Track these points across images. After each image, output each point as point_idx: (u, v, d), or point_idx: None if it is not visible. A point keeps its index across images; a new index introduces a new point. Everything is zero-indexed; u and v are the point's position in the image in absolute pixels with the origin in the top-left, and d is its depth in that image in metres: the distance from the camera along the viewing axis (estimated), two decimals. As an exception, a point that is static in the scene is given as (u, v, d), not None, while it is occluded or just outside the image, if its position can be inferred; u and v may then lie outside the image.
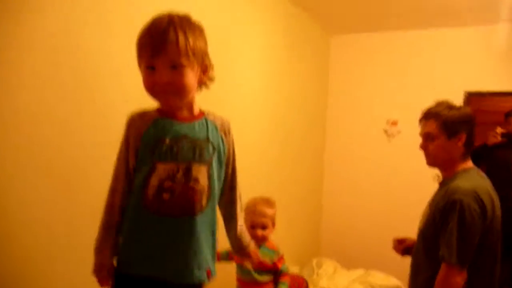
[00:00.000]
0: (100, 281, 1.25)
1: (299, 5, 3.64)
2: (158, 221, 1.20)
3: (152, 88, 1.19)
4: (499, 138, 3.79)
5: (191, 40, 1.19)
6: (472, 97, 4.01)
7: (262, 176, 3.24)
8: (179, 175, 1.20)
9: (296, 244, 3.89)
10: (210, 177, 1.25)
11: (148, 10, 1.30)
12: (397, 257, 2.11)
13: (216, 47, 2.55)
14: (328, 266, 3.82)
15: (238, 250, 1.47)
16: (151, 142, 1.21)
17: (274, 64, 3.34)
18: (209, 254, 1.28)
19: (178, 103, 1.23)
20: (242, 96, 2.92)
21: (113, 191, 1.24)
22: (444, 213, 1.67)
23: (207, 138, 1.26)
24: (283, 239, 2.93)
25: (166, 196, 1.19)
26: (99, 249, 1.24)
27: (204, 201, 1.23)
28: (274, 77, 3.36)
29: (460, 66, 4.01)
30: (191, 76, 1.21)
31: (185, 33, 1.18)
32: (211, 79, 1.33)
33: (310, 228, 4.27)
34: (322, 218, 4.53)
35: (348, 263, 3.93)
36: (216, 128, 1.31)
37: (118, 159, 1.26)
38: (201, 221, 1.23)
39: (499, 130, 3.79)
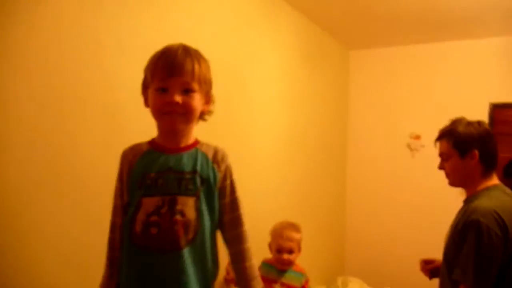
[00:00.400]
0: None
1: (317, 22, 3.64)
2: (146, 257, 1.20)
3: (161, 109, 1.21)
4: None
5: (203, 69, 1.25)
6: (497, 109, 3.92)
7: (284, 194, 3.21)
8: (164, 209, 1.19)
9: (320, 263, 3.82)
10: (197, 209, 1.22)
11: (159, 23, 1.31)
12: (425, 277, 2.04)
13: (235, 66, 2.59)
14: (354, 285, 3.73)
15: None
16: (138, 177, 1.23)
17: (293, 81, 3.34)
18: (199, 285, 1.24)
19: (182, 126, 1.25)
20: (262, 114, 2.92)
21: (112, 226, 1.27)
22: (462, 234, 1.61)
23: (194, 170, 1.24)
24: (307, 258, 2.88)
25: (153, 230, 1.19)
26: (103, 285, 1.28)
27: (190, 235, 1.20)
28: (294, 94, 3.35)
29: (484, 77, 3.93)
30: (198, 102, 1.25)
31: (199, 62, 1.24)
32: (211, 112, 1.36)
33: (334, 246, 4.20)
34: (346, 235, 4.44)
35: (375, 281, 3.83)
36: (206, 158, 1.28)
37: (115, 194, 1.29)
38: (188, 255, 1.20)
39: None
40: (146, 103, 1.28)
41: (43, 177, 1.55)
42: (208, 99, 1.31)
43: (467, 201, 1.75)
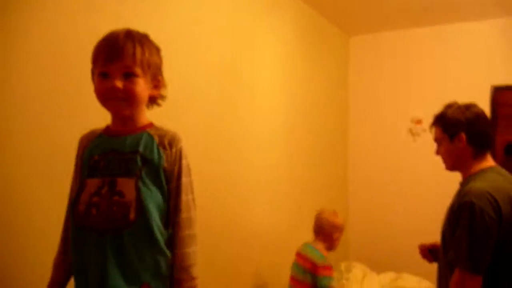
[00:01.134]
0: None
1: (317, 7, 3.61)
2: (86, 237, 1.19)
3: (103, 94, 1.21)
4: None
5: (147, 53, 1.23)
6: (498, 91, 3.89)
7: (286, 180, 3.22)
8: (104, 189, 1.19)
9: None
10: (138, 190, 1.18)
11: (164, 16, 1.30)
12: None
13: (234, 54, 2.57)
14: (358, 270, 3.74)
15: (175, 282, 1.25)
16: (85, 161, 1.26)
17: (293, 67, 3.32)
18: (147, 270, 1.20)
19: (127, 111, 1.24)
20: (261, 101, 2.91)
21: (67, 208, 1.29)
22: (456, 216, 1.61)
23: (136, 151, 1.23)
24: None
25: (93, 211, 1.19)
26: (55, 266, 1.31)
27: (132, 215, 1.17)
28: (294, 80, 3.34)
29: (486, 60, 3.90)
30: (143, 87, 1.23)
31: (142, 46, 1.22)
32: (163, 97, 1.34)
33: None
34: (349, 220, 4.45)
35: (378, 266, 3.84)
36: (152, 140, 1.25)
37: (72, 178, 1.32)
38: (130, 237, 1.17)
39: None
40: (94, 90, 1.27)
41: (44, 176, 1.56)
42: (157, 83, 1.29)
43: (462, 184, 1.76)
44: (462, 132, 1.74)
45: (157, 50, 1.29)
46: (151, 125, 1.30)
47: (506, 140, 4.12)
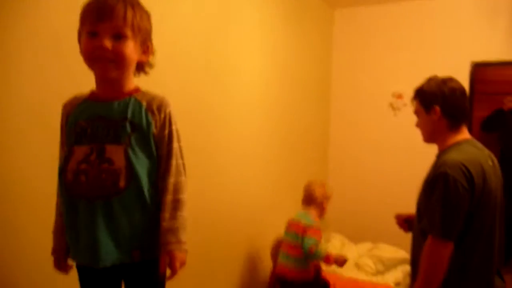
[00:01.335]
0: (56, 264, 1.31)
1: (301, -21, 3.57)
2: (76, 205, 1.19)
3: (91, 53, 1.17)
4: None
5: (138, 16, 1.20)
6: (478, 68, 3.96)
7: (265, 152, 3.25)
8: (93, 156, 1.18)
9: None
10: (128, 157, 1.18)
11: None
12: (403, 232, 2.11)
13: (215, 26, 2.54)
14: (336, 240, 3.86)
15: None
16: (71, 127, 1.24)
17: (275, 40, 3.30)
18: (138, 237, 1.22)
19: (114, 74, 1.20)
20: (243, 74, 2.90)
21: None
22: (431, 186, 1.68)
23: (125, 117, 1.20)
24: (290, 215, 2.95)
25: (83, 178, 1.18)
26: (55, 233, 1.32)
27: (122, 183, 1.17)
28: (277, 52, 3.32)
29: (466, 36, 3.94)
30: (132, 50, 1.20)
31: (133, 8, 1.19)
32: (151, 65, 1.32)
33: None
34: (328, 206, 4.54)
35: (356, 237, 3.96)
36: (140, 106, 1.23)
37: (59, 147, 1.29)
38: (120, 204, 1.17)
39: None
40: (81, 50, 1.23)
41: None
42: (145, 49, 1.27)
43: (438, 156, 1.82)
44: (436, 105, 1.80)
45: (148, 15, 1.26)
46: (137, 90, 1.28)
47: (483, 116, 4.22)
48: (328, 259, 2.61)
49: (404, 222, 2.07)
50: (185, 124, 1.41)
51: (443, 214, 1.62)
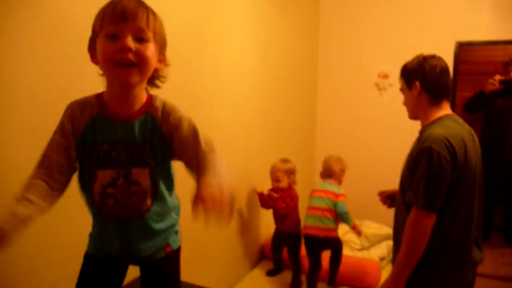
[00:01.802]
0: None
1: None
2: (108, 225, 1.24)
3: (113, 56, 1.09)
4: (497, 85, 3.85)
5: (158, 22, 1.17)
6: (463, 47, 4.01)
7: (254, 131, 3.28)
8: (120, 181, 1.18)
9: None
10: (152, 178, 1.21)
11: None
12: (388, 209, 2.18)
13: (202, 10, 2.52)
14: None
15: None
16: (88, 145, 1.18)
17: (263, 20, 3.29)
18: (167, 231, 1.32)
19: (137, 79, 1.14)
20: (231, 52, 2.90)
21: (46, 158, 1.16)
22: (415, 161, 1.74)
23: (146, 140, 1.19)
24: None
25: (110, 202, 1.20)
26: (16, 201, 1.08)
27: (148, 202, 1.22)
28: (264, 33, 3.32)
29: (451, 16, 3.98)
30: (153, 54, 1.15)
31: (154, 14, 1.16)
32: (164, 76, 1.27)
33: (303, 181, 4.36)
34: (315, 172, 4.60)
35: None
36: (159, 127, 1.21)
37: (51, 147, 1.17)
38: (151, 216, 1.24)
39: (497, 77, 3.84)
40: (93, 58, 1.17)
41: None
42: (162, 57, 1.22)
43: (421, 132, 1.87)
44: (416, 80, 1.86)
45: (163, 24, 1.21)
46: (150, 100, 1.23)
47: (466, 96, 4.30)
48: (355, 226, 3.03)
49: (387, 199, 2.14)
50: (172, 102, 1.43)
51: (427, 187, 1.68)
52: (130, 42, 1.09)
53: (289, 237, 3.08)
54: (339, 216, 2.99)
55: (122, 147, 1.18)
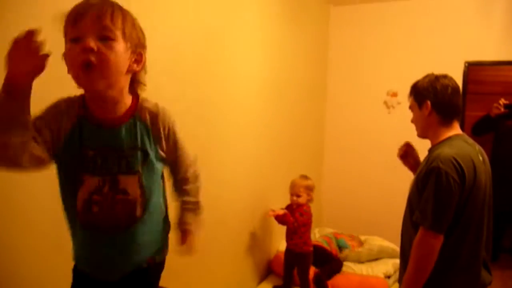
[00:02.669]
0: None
1: (299, -24, 3.60)
2: (91, 235, 1.17)
3: (76, 60, 1.01)
4: (502, 110, 3.86)
5: (128, 21, 1.08)
6: (472, 67, 4.01)
7: (263, 147, 3.29)
8: (105, 188, 1.12)
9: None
10: (142, 186, 1.16)
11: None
12: (395, 225, 2.16)
13: (214, 21, 2.57)
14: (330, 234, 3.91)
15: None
16: (74, 150, 1.11)
17: (272, 35, 3.33)
18: (154, 245, 1.26)
19: (101, 84, 1.05)
20: (241, 68, 2.93)
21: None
22: (424, 180, 1.73)
23: (135, 146, 1.14)
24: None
25: (95, 209, 1.13)
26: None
27: (138, 212, 1.17)
28: (273, 48, 3.35)
29: (460, 36, 4.00)
30: (121, 55, 1.05)
31: (122, 12, 1.07)
32: (142, 83, 1.20)
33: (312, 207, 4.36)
34: (322, 188, 4.59)
35: (349, 231, 4.02)
36: (147, 130, 1.17)
37: (38, 119, 1.08)
38: (138, 231, 1.18)
39: (502, 101, 3.85)
40: (67, 65, 1.07)
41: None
42: (139, 58, 1.13)
43: (430, 150, 1.86)
44: (428, 100, 1.85)
45: (135, 23, 1.13)
46: (136, 103, 1.17)
47: (475, 115, 4.29)
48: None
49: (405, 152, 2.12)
50: (184, 123, 1.43)
51: (435, 207, 1.66)
52: (91, 42, 1.00)
53: (298, 256, 3.05)
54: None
55: (109, 153, 1.12)
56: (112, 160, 1.12)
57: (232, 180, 2.88)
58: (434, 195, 1.67)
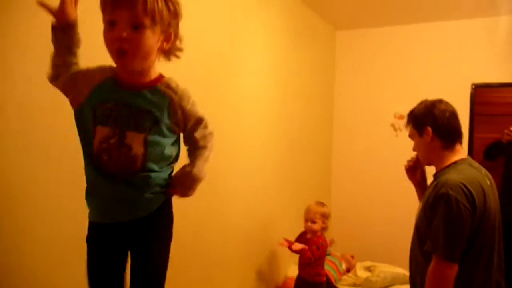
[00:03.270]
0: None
1: (305, 1, 3.65)
2: (101, 177, 1.26)
3: (110, 45, 1.17)
4: None
5: (159, 3, 1.16)
6: (479, 89, 4.01)
7: (269, 172, 3.28)
8: (113, 140, 1.22)
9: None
10: (145, 146, 1.24)
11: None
12: (404, 248, 2.11)
13: (223, 45, 2.60)
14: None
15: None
16: (95, 101, 1.24)
17: (280, 59, 3.36)
18: (158, 196, 1.32)
19: (133, 67, 1.21)
20: (248, 92, 2.95)
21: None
22: (433, 207, 1.69)
23: (149, 110, 1.24)
24: (294, 234, 2.97)
25: (105, 156, 1.23)
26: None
27: (138, 168, 1.24)
28: (280, 72, 3.38)
29: (467, 58, 4.01)
30: (151, 40, 1.18)
31: None
32: (179, 49, 1.32)
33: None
34: (331, 212, 4.54)
35: (359, 257, 3.96)
36: (164, 100, 1.26)
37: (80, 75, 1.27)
38: (139, 182, 1.25)
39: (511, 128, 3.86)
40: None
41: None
42: (168, 35, 1.24)
43: (436, 176, 1.84)
44: (428, 126, 1.84)
45: (174, 2, 1.22)
46: (161, 78, 1.29)
47: (482, 137, 4.26)
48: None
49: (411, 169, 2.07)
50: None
51: (447, 235, 1.62)
52: (124, 32, 1.13)
53: (310, 285, 2.94)
54: None
55: (125, 110, 1.23)
56: (125, 116, 1.23)
57: (238, 201, 2.87)
58: (445, 223, 1.63)
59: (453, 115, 1.86)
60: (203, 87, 2.45)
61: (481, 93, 4.07)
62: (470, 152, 3.92)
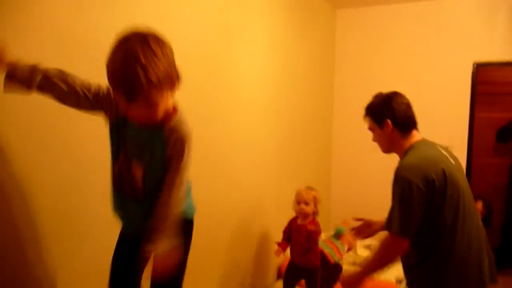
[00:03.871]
0: None
1: (304, -21, 3.60)
2: (117, 197, 1.50)
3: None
4: None
5: (160, 71, 1.21)
6: (481, 68, 3.97)
7: (269, 157, 3.27)
8: (125, 167, 1.44)
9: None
10: (144, 176, 1.43)
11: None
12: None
13: (222, 25, 2.56)
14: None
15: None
16: (121, 132, 1.43)
17: (278, 39, 3.32)
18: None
19: (150, 122, 1.36)
20: (248, 73, 2.92)
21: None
22: (392, 188, 1.83)
23: (149, 146, 1.41)
24: (292, 214, 2.97)
25: (117, 178, 1.46)
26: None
27: (140, 195, 1.45)
28: (279, 53, 3.34)
29: (469, 37, 3.96)
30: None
31: (153, 67, 1.20)
32: (180, 83, 1.38)
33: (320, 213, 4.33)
34: (331, 192, 4.57)
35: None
36: (165, 140, 1.39)
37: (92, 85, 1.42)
38: (142, 202, 1.45)
39: None
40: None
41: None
42: (173, 85, 1.32)
43: (398, 162, 1.94)
44: (387, 119, 1.94)
45: (165, 49, 1.26)
46: (170, 116, 1.39)
47: (484, 117, 4.24)
48: None
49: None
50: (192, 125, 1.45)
51: (401, 214, 1.75)
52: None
53: (304, 271, 2.91)
54: None
55: (134, 143, 1.42)
56: (133, 148, 1.43)
57: (239, 185, 2.87)
58: (399, 203, 1.76)
59: (408, 106, 1.99)
60: (201, 68, 2.43)
61: (483, 72, 4.04)
62: (471, 132, 3.90)
